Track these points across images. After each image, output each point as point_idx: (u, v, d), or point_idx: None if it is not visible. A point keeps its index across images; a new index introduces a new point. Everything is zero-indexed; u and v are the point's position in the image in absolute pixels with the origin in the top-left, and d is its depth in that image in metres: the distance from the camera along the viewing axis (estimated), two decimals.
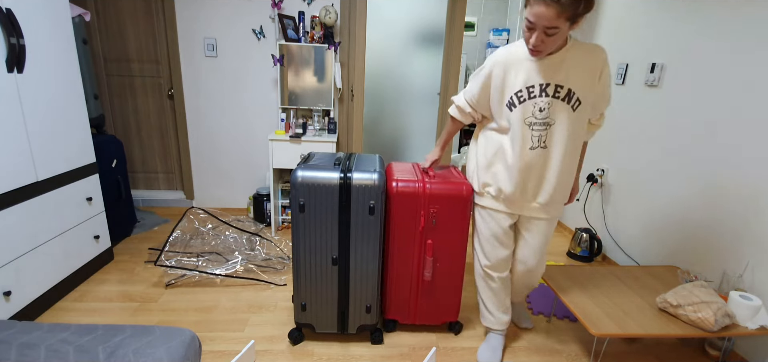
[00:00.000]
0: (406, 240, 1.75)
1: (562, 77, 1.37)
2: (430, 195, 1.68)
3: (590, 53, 1.36)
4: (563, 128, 1.42)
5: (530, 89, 1.40)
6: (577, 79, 1.37)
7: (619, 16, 2.70)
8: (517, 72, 1.42)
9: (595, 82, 1.38)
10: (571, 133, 1.43)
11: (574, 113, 1.40)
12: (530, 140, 1.45)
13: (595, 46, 1.37)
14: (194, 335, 1.28)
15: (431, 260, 1.77)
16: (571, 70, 1.36)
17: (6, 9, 1.68)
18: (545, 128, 1.43)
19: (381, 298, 1.96)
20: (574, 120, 1.41)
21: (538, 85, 1.39)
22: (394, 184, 1.68)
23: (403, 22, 3.49)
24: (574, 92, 1.38)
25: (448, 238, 1.75)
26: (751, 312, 1.57)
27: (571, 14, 1.21)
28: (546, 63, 1.38)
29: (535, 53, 1.34)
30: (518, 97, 1.42)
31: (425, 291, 1.84)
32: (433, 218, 1.71)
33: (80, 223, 2.18)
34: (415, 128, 3.81)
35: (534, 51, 1.33)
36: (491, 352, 1.76)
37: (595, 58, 1.37)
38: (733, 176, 1.86)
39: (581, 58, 1.36)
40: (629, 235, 2.55)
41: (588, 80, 1.37)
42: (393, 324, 1.93)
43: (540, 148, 1.46)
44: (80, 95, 2.17)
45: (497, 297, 1.75)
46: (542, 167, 1.49)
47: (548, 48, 1.31)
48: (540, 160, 1.47)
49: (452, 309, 1.89)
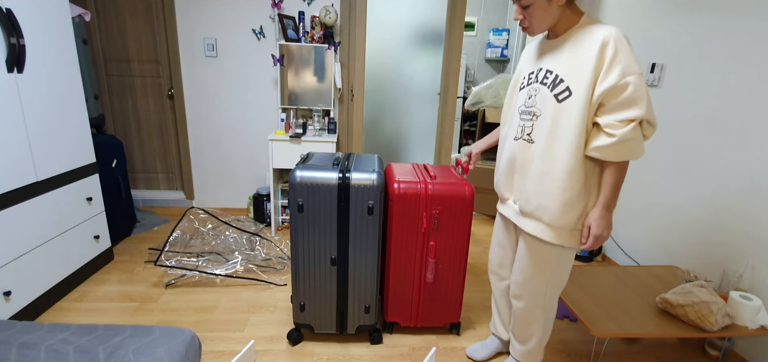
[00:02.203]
0: (408, 242, 1.74)
1: (553, 61, 1.20)
2: (432, 196, 1.67)
3: (590, 34, 1.13)
4: (547, 122, 1.21)
5: (530, 75, 1.30)
6: (569, 63, 1.15)
7: (619, 16, 2.70)
8: (525, 60, 1.38)
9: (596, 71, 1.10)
10: (553, 129, 1.20)
11: (558, 104, 1.17)
12: (516, 129, 1.33)
13: (601, 26, 1.12)
14: (194, 335, 1.28)
15: (433, 262, 1.76)
16: (565, 53, 1.17)
17: (6, 9, 1.69)
18: (531, 119, 1.26)
19: (381, 300, 1.96)
20: (558, 114, 1.18)
21: (534, 71, 1.28)
22: (396, 185, 1.68)
23: (403, 22, 3.49)
24: (561, 80, 1.17)
25: (451, 239, 1.74)
26: (751, 312, 1.57)
27: None
28: (547, 46, 1.25)
29: (525, 31, 1.24)
30: (520, 84, 1.35)
31: (427, 293, 1.83)
32: (435, 220, 1.70)
33: (80, 223, 2.18)
34: (415, 128, 3.80)
35: (523, 28, 1.23)
36: (480, 346, 1.76)
37: (591, 39, 1.11)
38: (733, 176, 1.86)
39: (580, 40, 1.15)
40: (629, 235, 2.55)
41: (583, 66, 1.12)
42: (393, 327, 1.93)
43: (523, 140, 1.30)
44: (80, 94, 2.17)
45: (497, 306, 1.71)
46: (525, 164, 1.31)
47: (534, 25, 1.20)
48: (523, 155, 1.31)
49: (454, 310, 1.88)
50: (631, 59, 1.07)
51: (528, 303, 1.45)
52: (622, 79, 1.06)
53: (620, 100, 1.08)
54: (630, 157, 1.13)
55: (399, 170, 1.85)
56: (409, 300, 1.85)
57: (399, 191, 1.67)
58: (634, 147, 1.11)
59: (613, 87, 1.07)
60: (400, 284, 1.81)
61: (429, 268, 1.76)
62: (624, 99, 1.08)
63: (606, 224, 1.20)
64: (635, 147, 1.11)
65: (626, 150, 1.12)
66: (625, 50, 1.07)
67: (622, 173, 1.16)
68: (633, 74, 1.06)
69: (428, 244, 1.74)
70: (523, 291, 1.45)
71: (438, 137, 3.63)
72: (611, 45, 1.08)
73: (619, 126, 1.09)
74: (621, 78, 1.06)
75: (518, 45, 4.93)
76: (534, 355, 1.57)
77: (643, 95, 1.07)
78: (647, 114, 1.08)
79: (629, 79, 1.06)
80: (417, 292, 1.83)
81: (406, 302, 1.85)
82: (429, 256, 1.75)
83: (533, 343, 1.53)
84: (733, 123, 1.86)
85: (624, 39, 1.08)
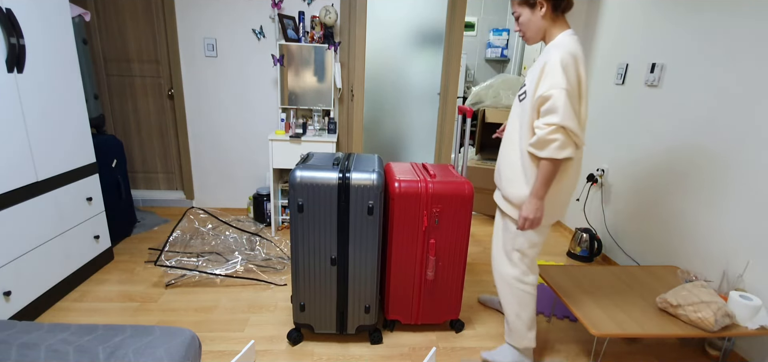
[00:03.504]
0: (409, 240, 1.75)
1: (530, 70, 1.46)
2: (432, 195, 1.68)
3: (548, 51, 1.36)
4: (514, 118, 1.51)
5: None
6: (531, 71, 1.43)
7: (619, 16, 2.70)
8: None
9: (537, 81, 1.35)
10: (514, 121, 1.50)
11: (520, 104, 1.47)
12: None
13: (556, 48, 1.33)
14: (194, 335, 1.28)
15: (434, 260, 1.77)
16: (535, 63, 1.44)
17: (6, 9, 1.69)
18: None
19: (382, 299, 1.96)
20: (519, 110, 1.47)
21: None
22: (397, 184, 1.68)
23: (403, 22, 3.49)
24: (525, 83, 1.47)
25: (451, 237, 1.76)
26: (751, 312, 1.57)
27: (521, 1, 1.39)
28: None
29: (524, 39, 1.49)
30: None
31: (428, 291, 1.85)
32: (435, 218, 1.71)
33: (80, 223, 2.18)
34: (415, 128, 3.80)
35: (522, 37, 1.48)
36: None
37: (547, 55, 1.35)
38: (733, 175, 1.86)
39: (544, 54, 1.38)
40: (629, 235, 2.55)
41: (534, 76, 1.38)
42: (394, 325, 1.93)
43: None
44: (80, 94, 2.17)
45: None
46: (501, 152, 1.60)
47: (527, 34, 1.44)
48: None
49: (454, 307, 1.89)
50: (559, 77, 1.28)
51: (495, 273, 1.68)
52: (548, 91, 1.30)
53: (545, 107, 1.32)
54: (553, 155, 1.32)
55: (399, 170, 1.85)
56: (410, 298, 1.85)
57: (400, 190, 1.67)
58: (555, 149, 1.32)
59: (541, 96, 1.33)
60: (400, 282, 1.82)
61: (429, 266, 1.77)
62: (548, 107, 1.31)
63: (533, 209, 1.41)
64: (557, 149, 1.31)
65: (547, 148, 1.33)
66: (558, 70, 1.29)
67: (550, 169, 1.35)
68: (556, 89, 1.28)
69: (429, 242, 1.75)
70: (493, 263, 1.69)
71: (438, 137, 3.63)
72: (550, 64, 1.31)
73: (542, 128, 1.32)
74: (548, 90, 1.31)
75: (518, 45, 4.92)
76: (516, 334, 1.67)
77: (563, 106, 1.28)
78: (564, 122, 1.28)
79: (553, 92, 1.29)
80: (417, 290, 1.84)
81: (407, 300, 1.86)
82: (430, 254, 1.76)
83: (511, 319, 1.66)
84: (733, 123, 1.86)
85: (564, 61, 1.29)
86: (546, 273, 1.97)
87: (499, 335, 1.96)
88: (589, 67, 3.03)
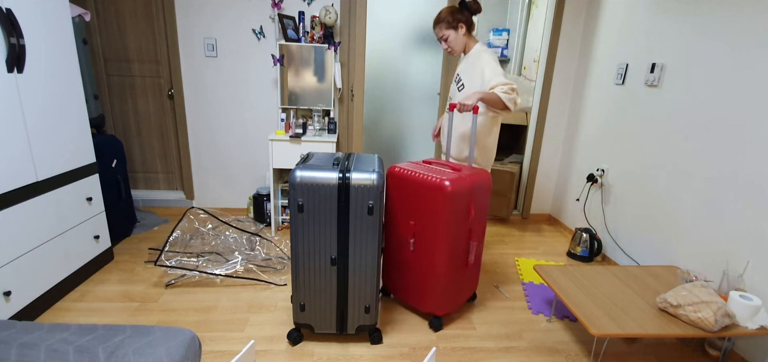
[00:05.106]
0: (458, 235, 1.84)
1: (462, 69, 2.12)
2: (474, 188, 1.82)
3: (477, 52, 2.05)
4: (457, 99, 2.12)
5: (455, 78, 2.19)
6: (467, 70, 2.07)
7: (619, 16, 2.70)
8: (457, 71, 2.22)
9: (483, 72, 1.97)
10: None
11: (458, 92, 2.13)
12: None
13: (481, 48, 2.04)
14: (194, 335, 1.28)
15: (476, 245, 1.95)
16: (467, 64, 2.09)
17: (6, 9, 1.69)
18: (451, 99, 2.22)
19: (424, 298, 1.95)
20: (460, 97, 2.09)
21: (456, 75, 2.18)
22: (447, 183, 1.71)
23: (403, 22, 3.49)
24: (459, 76, 2.12)
25: (480, 221, 1.95)
26: (751, 312, 1.57)
27: (448, 25, 2.02)
28: (462, 61, 2.16)
29: (450, 54, 2.13)
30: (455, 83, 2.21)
31: (466, 275, 2.00)
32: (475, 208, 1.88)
33: (80, 223, 2.18)
34: (415, 128, 3.81)
35: (448, 53, 2.12)
36: None
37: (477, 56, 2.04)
38: (733, 175, 1.86)
39: (473, 59, 2.05)
40: (629, 235, 2.55)
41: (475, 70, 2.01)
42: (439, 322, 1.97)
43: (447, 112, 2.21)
44: (80, 94, 2.17)
45: None
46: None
47: (456, 49, 2.08)
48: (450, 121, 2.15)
49: (474, 283, 2.12)
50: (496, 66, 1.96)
51: None
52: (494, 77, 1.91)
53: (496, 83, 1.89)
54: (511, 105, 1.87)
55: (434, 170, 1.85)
56: (452, 289, 1.94)
57: (451, 189, 1.71)
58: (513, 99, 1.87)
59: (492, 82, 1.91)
60: (451, 277, 1.89)
61: (472, 251, 1.93)
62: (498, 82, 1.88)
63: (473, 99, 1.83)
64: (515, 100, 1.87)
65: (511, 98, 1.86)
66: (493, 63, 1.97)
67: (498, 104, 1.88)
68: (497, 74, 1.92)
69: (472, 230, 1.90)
70: None
71: None
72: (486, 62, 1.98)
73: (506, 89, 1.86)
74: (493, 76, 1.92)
75: (518, 45, 4.93)
76: None
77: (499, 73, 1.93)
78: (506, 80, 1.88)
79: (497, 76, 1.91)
80: (459, 278, 1.95)
81: (450, 292, 1.93)
82: (472, 240, 1.92)
83: None
84: (733, 123, 1.86)
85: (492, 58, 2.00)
86: (546, 273, 1.97)
87: (499, 335, 1.96)
88: (589, 68, 3.03)
